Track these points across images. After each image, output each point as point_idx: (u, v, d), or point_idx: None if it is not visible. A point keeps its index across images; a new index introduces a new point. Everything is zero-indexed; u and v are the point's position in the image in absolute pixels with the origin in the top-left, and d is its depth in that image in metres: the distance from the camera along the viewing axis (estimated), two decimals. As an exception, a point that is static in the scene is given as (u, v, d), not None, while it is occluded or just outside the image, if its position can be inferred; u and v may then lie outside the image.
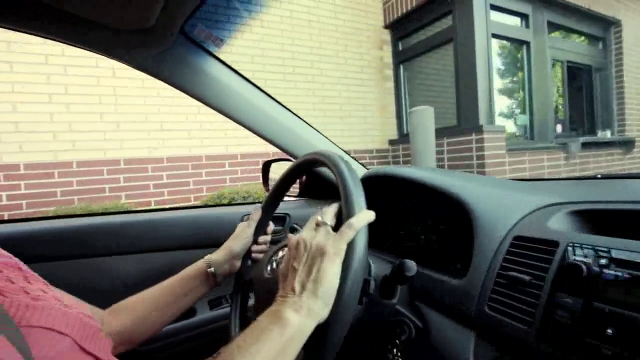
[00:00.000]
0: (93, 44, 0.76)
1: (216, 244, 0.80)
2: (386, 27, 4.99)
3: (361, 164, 1.11)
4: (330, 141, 1.07)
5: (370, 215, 0.49)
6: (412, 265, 0.53)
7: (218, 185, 3.91)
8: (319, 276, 0.45)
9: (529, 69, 4.46)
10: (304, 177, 1.11)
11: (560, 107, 5.01)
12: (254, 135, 0.97)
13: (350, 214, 0.48)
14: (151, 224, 1.00)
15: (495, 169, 3.71)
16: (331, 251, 0.46)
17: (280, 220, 1.11)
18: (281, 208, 0.97)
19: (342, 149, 1.07)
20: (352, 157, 1.06)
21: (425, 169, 0.85)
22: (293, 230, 0.95)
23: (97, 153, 3.42)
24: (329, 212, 0.52)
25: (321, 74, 4.52)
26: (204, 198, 3.73)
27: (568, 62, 4.96)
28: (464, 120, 4.08)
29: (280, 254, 0.65)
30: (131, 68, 0.83)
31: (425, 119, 3.04)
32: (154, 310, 0.66)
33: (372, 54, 4.95)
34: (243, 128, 0.95)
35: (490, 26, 4.03)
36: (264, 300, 0.58)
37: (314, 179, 1.09)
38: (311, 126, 1.04)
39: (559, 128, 4.93)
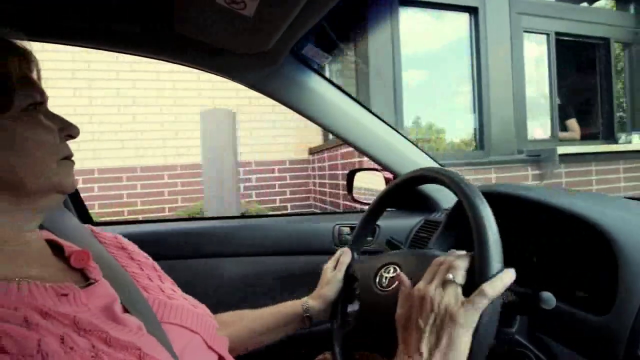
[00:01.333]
0: (212, 66, 0.88)
1: (310, 251, 1.02)
2: None
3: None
4: (431, 158, 1.09)
5: (509, 279, 0.44)
6: (550, 297, 0.46)
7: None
8: (451, 347, 0.43)
9: (477, 48, 3.10)
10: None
11: (545, 100, 3.45)
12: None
13: (484, 273, 0.44)
14: (250, 229, 1.07)
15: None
16: (462, 321, 0.43)
17: (370, 232, 1.11)
18: None
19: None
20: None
21: (541, 188, 0.80)
22: (391, 245, 0.86)
23: None
24: (460, 269, 0.46)
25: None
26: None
27: (558, 34, 3.39)
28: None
29: (391, 273, 0.62)
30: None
31: (221, 126, 2.08)
32: (248, 332, 0.69)
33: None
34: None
35: (399, -10, 2.83)
36: (372, 312, 0.64)
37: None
38: (413, 143, 1.08)
39: (537, 133, 3.39)
